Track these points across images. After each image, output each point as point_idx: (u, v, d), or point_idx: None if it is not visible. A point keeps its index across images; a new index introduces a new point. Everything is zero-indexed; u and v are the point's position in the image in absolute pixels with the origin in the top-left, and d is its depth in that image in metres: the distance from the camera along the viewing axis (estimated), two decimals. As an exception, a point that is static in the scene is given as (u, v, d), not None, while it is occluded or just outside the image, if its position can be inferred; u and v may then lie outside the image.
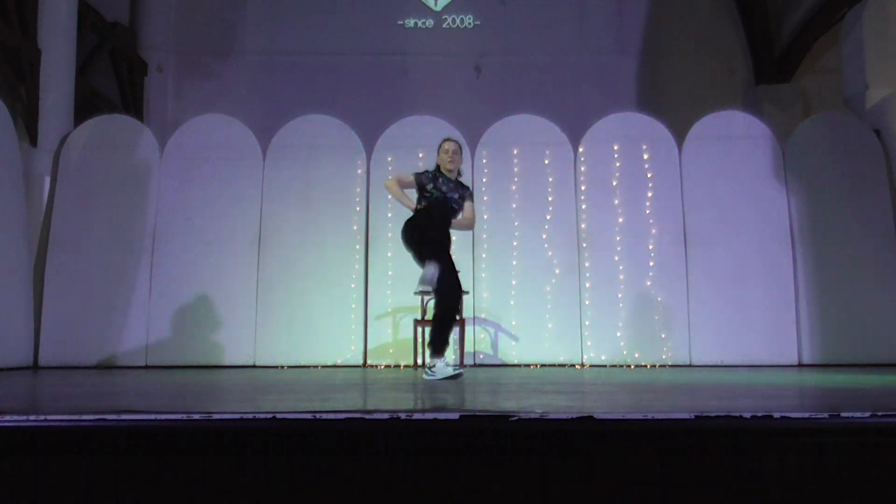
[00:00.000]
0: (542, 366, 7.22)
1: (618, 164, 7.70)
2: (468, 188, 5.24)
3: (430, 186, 4.99)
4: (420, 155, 7.70)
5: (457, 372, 4.57)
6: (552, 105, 8.80)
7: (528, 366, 7.21)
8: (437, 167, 5.14)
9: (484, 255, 7.42)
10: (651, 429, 2.09)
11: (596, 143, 7.75)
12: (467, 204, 5.14)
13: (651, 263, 7.50)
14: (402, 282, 7.34)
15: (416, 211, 4.99)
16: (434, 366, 4.61)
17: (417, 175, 5.07)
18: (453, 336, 7.17)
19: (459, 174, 5.20)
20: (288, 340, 7.31)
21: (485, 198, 7.61)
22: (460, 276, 4.94)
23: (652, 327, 7.37)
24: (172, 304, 7.36)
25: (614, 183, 7.66)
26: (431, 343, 4.78)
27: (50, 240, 7.39)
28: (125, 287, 7.36)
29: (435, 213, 4.92)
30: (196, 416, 2.13)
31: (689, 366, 7.24)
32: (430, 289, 4.76)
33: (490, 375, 5.42)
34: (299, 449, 2.07)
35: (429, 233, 4.81)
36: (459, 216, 5.11)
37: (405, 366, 7.15)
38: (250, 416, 2.14)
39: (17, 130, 7.12)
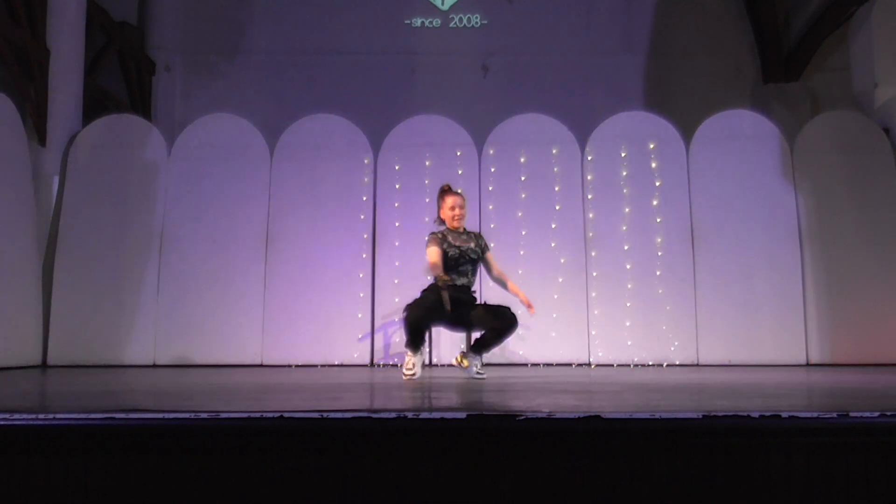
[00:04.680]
0: (549, 365, 7.21)
1: (625, 164, 7.68)
2: (480, 235, 5.24)
3: (444, 246, 4.97)
4: (427, 154, 7.71)
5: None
6: (559, 104, 8.78)
7: (535, 365, 7.20)
8: (442, 222, 5.13)
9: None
10: (659, 428, 2.09)
11: (603, 143, 7.74)
12: (488, 255, 5.17)
13: (658, 263, 7.48)
14: (409, 281, 7.34)
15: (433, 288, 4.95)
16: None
17: (438, 242, 5.00)
18: (460, 335, 7.21)
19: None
20: (295, 339, 7.32)
21: (492, 197, 7.61)
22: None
23: (659, 326, 7.35)
24: (180, 303, 7.38)
25: (622, 182, 7.65)
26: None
27: (58, 239, 7.42)
28: (133, 286, 7.38)
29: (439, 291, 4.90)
30: (204, 416, 2.14)
31: (697, 365, 7.22)
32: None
33: (497, 375, 5.43)
34: (307, 448, 2.07)
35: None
36: (480, 263, 5.16)
37: (412, 365, 7.14)
38: (258, 415, 2.14)
39: (26, 130, 7.15)
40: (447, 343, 7.29)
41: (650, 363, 7.23)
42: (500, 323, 4.85)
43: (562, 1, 10.69)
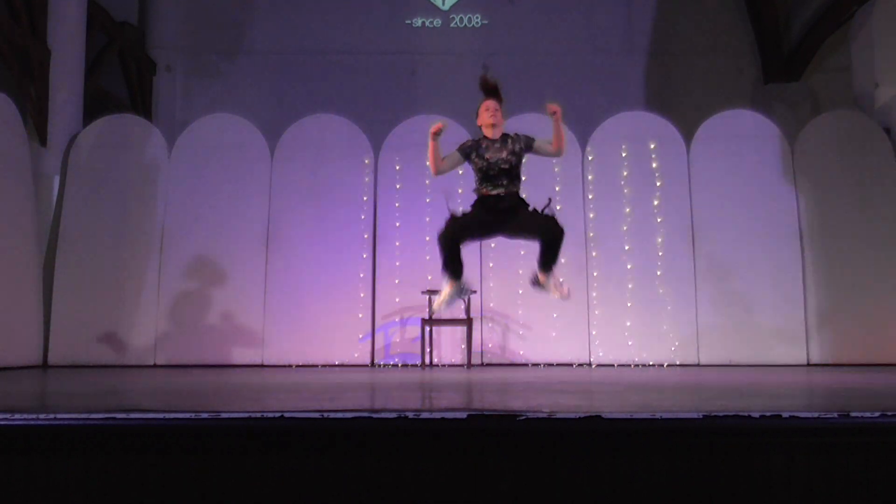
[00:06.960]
0: (549, 365, 7.20)
1: (626, 163, 7.68)
2: (517, 136, 4.73)
3: (473, 155, 4.65)
4: (427, 154, 7.68)
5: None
6: (560, 104, 8.76)
7: (535, 365, 7.20)
8: (481, 133, 4.70)
9: (491, 255, 7.41)
10: (659, 428, 2.09)
11: (604, 142, 7.73)
12: (537, 146, 4.75)
13: (659, 262, 7.47)
14: (410, 281, 7.35)
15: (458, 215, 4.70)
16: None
17: (461, 145, 4.73)
18: (460, 335, 7.22)
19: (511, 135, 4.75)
20: (296, 339, 7.32)
21: (492, 197, 7.59)
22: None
23: (659, 327, 7.35)
24: (181, 303, 7.38)
25: (622, 182, 7.64)
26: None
27: (59, 239, 7.42)
28: (134, 286, 7.38)
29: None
30: (204, 416, 2.14)
31: (697, 365, 7.21)
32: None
33: (497, 375, 5.43)
34: (307, 448, 2.07)
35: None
36: (520, 168, 4.78)
37: (412, 365, 7.15)
38: (258, 415, 2.14)
39: (27, 130, 7.15)
40: (448, 343, 7.30)
41: (650, 363, 7.23)
42: (545, 238, 4.65)
43: (562, 1, 10.69)
